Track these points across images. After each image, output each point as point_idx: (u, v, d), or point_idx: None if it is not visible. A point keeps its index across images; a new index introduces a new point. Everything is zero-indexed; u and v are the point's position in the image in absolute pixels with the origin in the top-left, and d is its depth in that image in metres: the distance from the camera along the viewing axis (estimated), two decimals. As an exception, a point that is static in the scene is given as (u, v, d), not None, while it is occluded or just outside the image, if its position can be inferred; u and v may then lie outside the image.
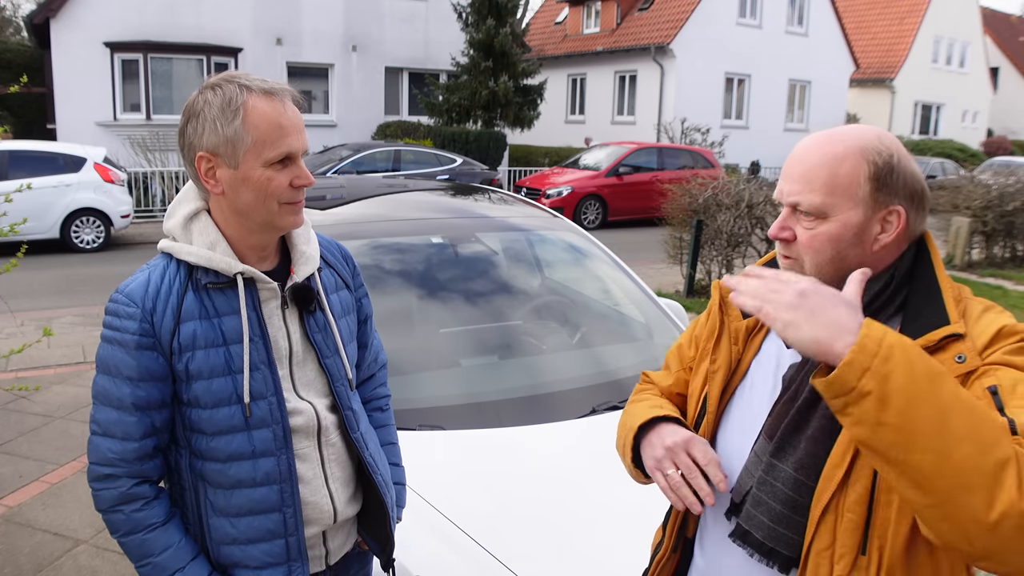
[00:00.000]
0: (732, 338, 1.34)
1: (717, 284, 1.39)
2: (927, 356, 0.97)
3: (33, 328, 6.79)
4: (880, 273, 1.19)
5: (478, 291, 3.04)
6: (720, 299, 1.38)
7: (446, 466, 2.18)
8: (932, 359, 0.97)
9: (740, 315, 1.34)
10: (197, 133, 1.36)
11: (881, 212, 1.16)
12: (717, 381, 1.33)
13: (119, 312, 1.36)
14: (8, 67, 18.03)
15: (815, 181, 1.16)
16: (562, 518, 1.97)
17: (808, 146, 1.20)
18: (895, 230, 1.17)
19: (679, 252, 9.04)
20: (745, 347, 1.34)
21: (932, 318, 1.13)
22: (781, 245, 1.24)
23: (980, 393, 1.05)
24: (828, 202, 1.16)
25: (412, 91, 19.61)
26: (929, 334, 1.11)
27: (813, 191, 1.16)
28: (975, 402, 0.96)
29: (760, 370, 1.31)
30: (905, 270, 1.19)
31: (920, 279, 1.19)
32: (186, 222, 1.42)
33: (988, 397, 1.04)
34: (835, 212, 1.16)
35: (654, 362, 2.93)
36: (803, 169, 1.18)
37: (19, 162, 10.57)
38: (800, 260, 1.21)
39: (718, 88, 22.56)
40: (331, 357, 1.51)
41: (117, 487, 1.37)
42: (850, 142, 1.16)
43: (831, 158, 1.16)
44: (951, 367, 1.08)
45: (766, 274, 1.08)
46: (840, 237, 1.16)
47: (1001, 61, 36.20)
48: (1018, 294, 9.46)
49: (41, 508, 3.83)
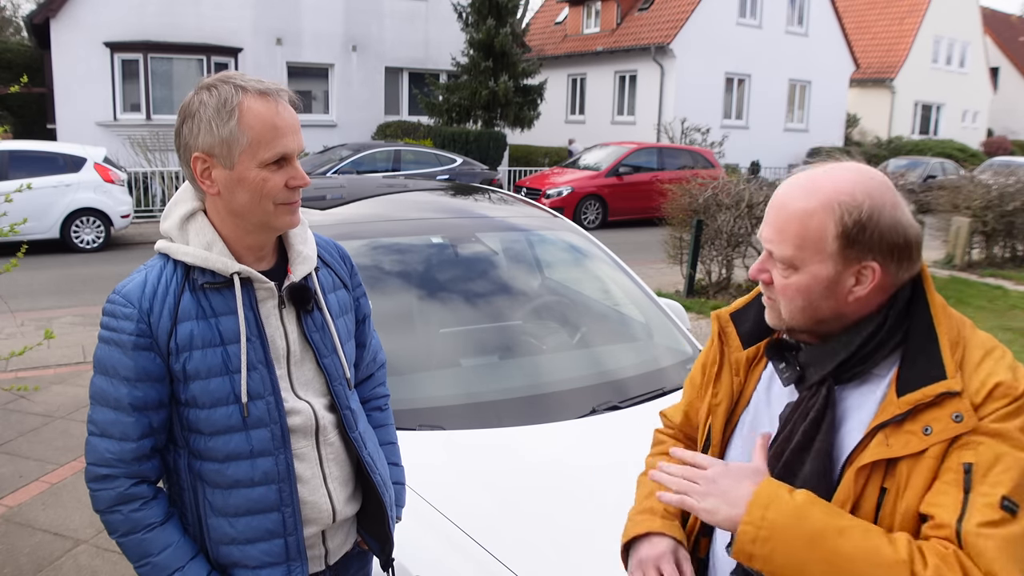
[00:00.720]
0: (733, 369, 1.35)
1: (715, 315, 1.40)
2: (811, 516, 1.09)
3: (33, 328, 6.79)
4: (872, 314, 1.19)
5: (478, 291, 3.04)
6: (719, 330, 1.38)
7: (446, 466, 2.17)
8: (817, 515, 1.09)
9: (739, 345, 1.35)
10: (193, 134, 1.35)
11: (853, 267, 1.15)
12: (719, 415, 1.34)
13: (116, 313, 1.36)
14: (8, 67, 18.05)
15: (787, 233, 1.17)
16: (562, 518, 1.96)
17: (786, 195, 1.20)
18: (869, 284, 1.16)
19: (679, 252, 9.04)
20: (747, 378, 1.34)
21: (929, 369, 1.13)
22: (762, 285, 1.26)
23: (955, 467, 1.08)
24: (798, 256, 1.17)
25: (412, 91, 19.62)
26: (924, 389, 1.12)
27: (784, 242, 1.17)
28: (865, 549, 1.06)
29: (763, 402, 1.32)
30: (900, 308, 1.18)
31: (917, 320, 1.18)
32: (182, 222, 1.41)
33: (959, 474, 1.08)
34: (805, 265, 1.17)
35: (654, 362, 2.93)
36: (779, 219, 1.19)
37: (19, 162, 10.58)
38: (776, 303, 1.23)
39: (718, 88, 22.56)
40: (329, 356, 1.50)
41: (115, 487, 1.37)
42: (823, 195, 1.15)
43: (802, 213, 1.16)
44: (946, 426, 1.09)
45: (686, 458, 1.23)
46: (810, 289, 1.17)
47: (1001, 61, 36.20)
48: (1018, 294, 9.46)
49: (41, 508, 3.83)
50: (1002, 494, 1.05)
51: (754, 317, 1.35)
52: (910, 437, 1.11)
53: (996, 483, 1.06)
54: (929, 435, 1.10)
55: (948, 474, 1.09)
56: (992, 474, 1.07)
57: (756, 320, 1.33)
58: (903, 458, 1.11)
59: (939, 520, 1.07)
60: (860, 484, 1.13)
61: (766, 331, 1.31)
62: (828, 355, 1.20)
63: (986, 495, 1.06)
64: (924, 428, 1.11)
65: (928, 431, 1.10)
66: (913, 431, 1.11)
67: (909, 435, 1.11)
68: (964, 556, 1.04)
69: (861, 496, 1.13)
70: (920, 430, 1.11)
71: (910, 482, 1.11)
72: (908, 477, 1.11)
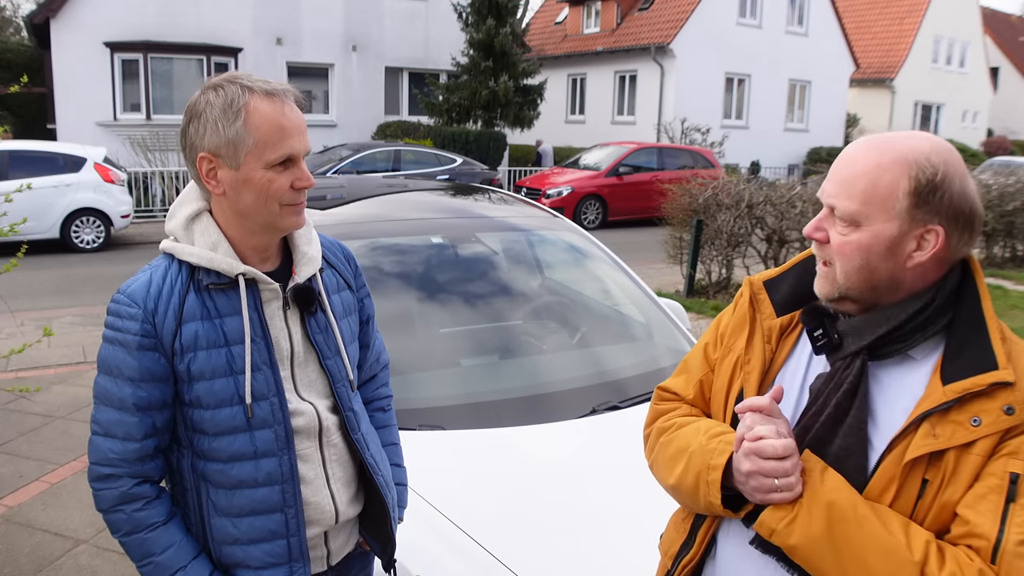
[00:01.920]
0: (765, 337, 1.30)
1: (748, 280, 1.36)
2: (836, 501, 1.09)
3: (33, 328, 6.79)
4: (922, 291, 1.16)
5: (478, 291, 3.04)
6: (752, 295, 1.34)
7: (446, 466, 2.17)
8: (842, 501, 1.09)
9: (773, 313, 1.31)
10: (199, 134, 1.35)
11: (918, 229, 1.12)
12: (752, 380, 1.28)
13: (121, 313, 1.36)
14: (8, 67, 18.03)
15: (854, 188, 1.14)
16: (562, 518, 1.97)
17: (857, 150, 1.17)
18: (932, 249, 1.13)
19: (679, 252, 9.04)
20: (777, 347, 1.30)
21: (979, 359, 1.09)
22: (816, 246, 1.22)
23: (1000, 473, 1.04)
24: (863, 211, 1.13)
25: (412, 91, 19.61)
26: (975, 377, 1.08)
27: (851, 197, 1.14)
28: (879, 542, 1.06)
29: (790, 375, 1.28)
30: (949, 293, 1.15)
31: (965, 308, 1.15)
32: (188, 223, 1.41)
33: (1004, 481, 1.04)
34: (869, 222, 1.13)
35: (654, 362, 2.93)
36: (846, 173, 1.16)
37: (19, 162, 10.58)
38: (832, 264, 1.19)
39: (718, 88, 22.56)
40: (332, 358, 1.51)
41: (118, 487, 1.37)
42: (897, 153, 1.13)
43: (874, 167, 1.13)
44: (997, 418, 1.06)
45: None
46: (870, 248, 1.14)
47: (1001, 61, 36.19)
48: (1018, 294, 9.47)
49: (41, 508, 3.83)
50: None
51: (789, 287, 1.31)
52: (956, 427, 1.07)
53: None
54: (978, 427, 1.06)
55: (991, 479, 1.05)
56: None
57: (791, 290, 1.30)
58: (948, 450, 1.07)
59: (975, 527, 1.04)
60: (904, 475, 1.10)
61: (800, 301, 1.28)
62: (870, 325, 1.16)
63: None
64: (972, 419, 1.07)
65: (977, 422, 1.06)
66: (960, 421, 1.07)
67: (956, 425, 1.07)
68: (991, 572, 1.01)
69: (903, 486, 1.10)
70: (968, 421, 1.07)
71: (954, 477, 1.07)
72: (953, 471, 1.07)
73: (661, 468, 1.36)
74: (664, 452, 1.35)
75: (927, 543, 1.05)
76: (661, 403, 1.46)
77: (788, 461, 1.12)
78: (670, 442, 1.34)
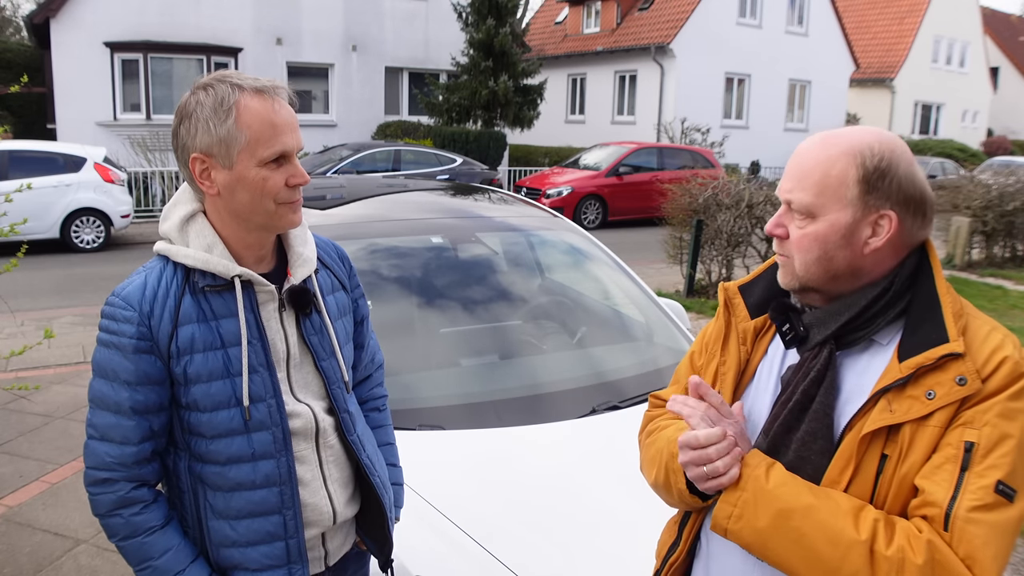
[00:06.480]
0: (740, 338, 1.35)
1: (723, 286, 1.41)
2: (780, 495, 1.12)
3: (33, 328, 6.79)
4: (879, 279, 1.20)
5: (478, 291, 3.04)
6: (726, 300, 1.39)
7: (446, 466, 2.17)
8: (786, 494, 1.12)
9: (747, 316, 1.35)
10: (190, 134, 1.34)
11: (871, 215, 1.17)
12: (728, 382, 1.33)
13: (116, 316, 1.35)
14: (8, 67, 18.04)
15: (807, 180, 1.19)
16: (562, 518, 1.97)
17: (807, 146, 1.22)
18: (886, 234, 1.17)
19: (679, 252, 9.04)
20: (753, 348, 1.34)
21: (931, 333, 1.14)
22: (776, 242, 1.27)
23: (956, 443, 1.08)
24: (817, 202, 1.18)
25: (412, 91, 19.61)
26: (927, 352, 1.12)
27: (805, 190, 1.19)
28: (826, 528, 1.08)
29: (766, 371, 1.32)
30: (905, 277, 1.19)
31: (921, 289, 1.19)
32: (182, 224, 1.40)
33: (959, 450, 1.08)
34: (823, 212, 1.18)
35: (654, 362, 2.93)
36: (800, 168, 1.21)
37: (19, 162, 10.57)
38: (791, 258, 1.23)
39: (718, 88, 22.56)
40: (327, 359, 1.50)
41: (115, 491, 1.36)
42: (845, 144, 1.18)
43: (824, 159, 1.18)
44: (950, 389, 1.09)
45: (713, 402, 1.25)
46: (827, 237, 1.18)
47: (1001, 61, 36.18)
48: (1018, 294, 9.46)
49: (41, 508, 3.83)
50: (998, 478, 1.05)
51: (761, 290, 1.36)
52: (913, 402, 1.11)
53: (994, 466, 1.06)
54: (932, 399, 1.10)
55: (948, 449, 1.09)
56: (992, 456, 1.06)
57: (763, 293, 1.35)
58: (905, 423, 1.11)
59: (930, 496, 1.07)
60: (862, 451, 1.13)
61: (773, 302, 1.33)
62: (832, 315, 1.21)
63: (982, 476, 1.06)
64: (927, 392, 1.11)
65: (931, 395, 1.10)
66: (916, 396, 1.11)
67: (912, 400, 1.11)
68: (940, 541, 1.04)
69: (861, 462, 1.13)
70: (923, 394, 1.11)
71: (911, 449, 1.11)
72: (909, 444, 1.11)
73: (645, 468, 1.42)
74: (647, 453, 1.42)
75: (875, 521, 1.08)
76: (653, 410, 1.52)
77: (711, 449, 1.18)
78: (652, 443, 1.41)
